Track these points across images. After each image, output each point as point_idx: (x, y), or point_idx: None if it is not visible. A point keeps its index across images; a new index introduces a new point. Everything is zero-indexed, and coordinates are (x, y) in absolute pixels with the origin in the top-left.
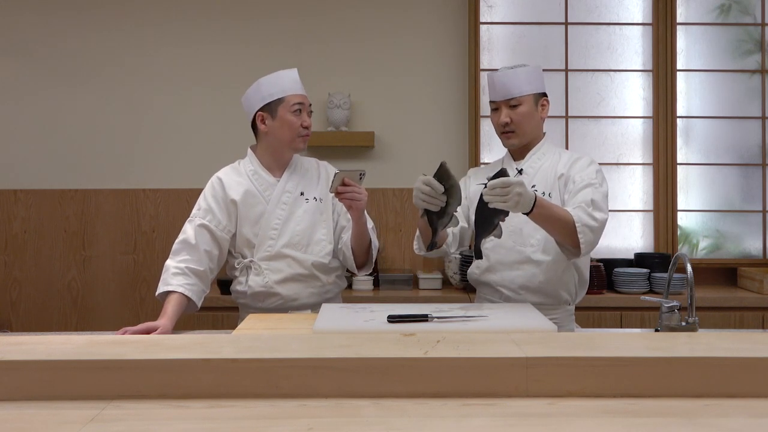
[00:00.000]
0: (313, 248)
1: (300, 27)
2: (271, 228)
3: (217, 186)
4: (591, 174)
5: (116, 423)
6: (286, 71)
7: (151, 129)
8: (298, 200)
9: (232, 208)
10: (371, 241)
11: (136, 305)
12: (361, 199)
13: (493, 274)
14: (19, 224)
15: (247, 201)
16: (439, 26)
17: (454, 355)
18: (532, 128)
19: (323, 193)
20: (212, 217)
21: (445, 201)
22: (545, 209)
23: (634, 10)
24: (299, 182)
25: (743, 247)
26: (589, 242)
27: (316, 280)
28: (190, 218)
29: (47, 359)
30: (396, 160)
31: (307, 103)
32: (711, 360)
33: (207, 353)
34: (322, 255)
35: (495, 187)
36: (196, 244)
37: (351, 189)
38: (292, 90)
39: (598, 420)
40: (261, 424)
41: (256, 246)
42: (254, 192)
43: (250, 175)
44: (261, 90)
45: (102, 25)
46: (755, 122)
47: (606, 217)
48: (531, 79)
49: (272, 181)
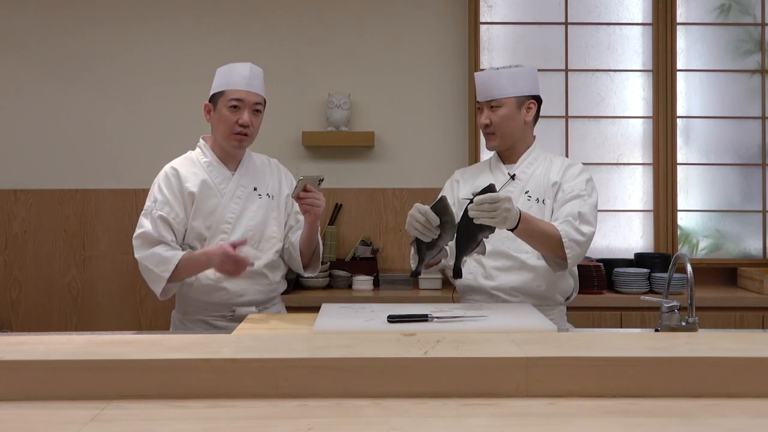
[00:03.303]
0: (264, 244)
1: (300, 26)
2: (224, 222)
3: (173, 178)
4: (581, 184)
5: (116, 423)
6: (238, 64)
7: (152, 129)
8: (251, 195)
9: (189, 200)
10: (318, 244)
11: (136, 305)
12: (320, 205)
13: (488, 280)
14: (19, 224)
15: (203, 192)
16: (439, 26)
17: (454, 355)
18: (513, 131)
19: (275, 190)
20: (170, 209)
21: (437, 234)
22: (530, 224)
23: (634, 10)
24: (253, 178)
25: (743, 247)
26: (576, 256)
27: (264, 278)
28: (144, 211)
29: (47, 359)
30: (396, 160)
31: (251, 101)
32: (711, 360)
33: (207, 353)
34: (272, 252)
35: (483, 203)
36: (159, 235)
37: (311, 195)
38: (234, 85)
39: (598, 420)
40: (261, 424)
41: (208, 239)
42: (210, 184)
43: (206, 167)
44: (214, 80)
45: (102, 24)
46: (755, 122)
47: (593, 230)
48: (516, 81)
49: (227, 175)
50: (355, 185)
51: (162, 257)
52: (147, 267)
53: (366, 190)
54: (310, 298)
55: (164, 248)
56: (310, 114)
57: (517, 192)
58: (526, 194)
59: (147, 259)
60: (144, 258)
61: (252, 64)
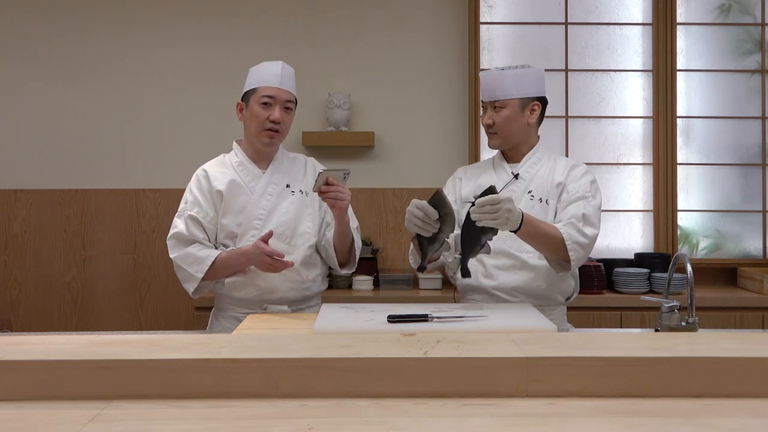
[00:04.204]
0: (297, 240)
1: (300, 27)
2: (255, 218)
3: (203, 178)
4: (585, 185)
5: (116, 423)
6: (269, 63)
7: (152, 129)
8: (283, 192)
9: (218, 199)
10: (353, 240)
11: (136, 305)
12: (345, 199)
13: (489, 280)
14: (19, 224)
15: (231, 191)
16: (439, 26)
17: (454, 355)
18: (515, 132)
19: (309, 187)
20: (200, 209)
21: (437, 228)
22: (532, 226)
23: (634, 10)
24: (285, 174)
25: (743, 247)
26: (579, 259)
27: (296, 274)
28: (178, 213)
29: (47, 359)
30: (396, 160)
31: (283, 98)
32: (711, 360)
33: (207, 353)
34: (305, 248)
35: (484, 205)
36: (191, 234)
37: (335, 188)
38: (267, 82)
39: (598, 420)
40: (261, 424)
41: (239, 236)
42: (239, 182)
43: (236, 167)
44: (247, 79)
45: (102, 25)
46: (755, 122)
47: (597, 232)
48: (520, 83)
49: (258, 173)
50: (355, 185)
51: (196, 257)
52: (181, 266)
53: (366, 190)
54: None
55: (198, 247)
56: (310, 114)
57: (520, 191)
58: (529, 194)
59: (181, 259)
60: (178, 258)
61: (284, 63)
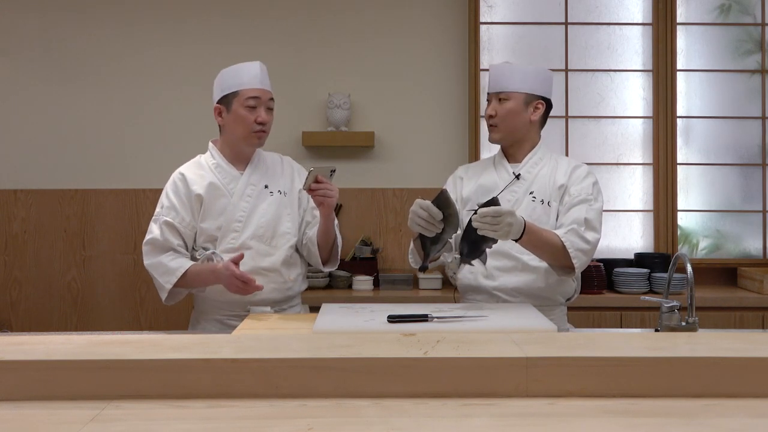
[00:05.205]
0: (278, 240)
1: (300, 27)
2: (235, 221)
3: (180, 182)
4: (588, 188)
5: (116, 423)
6: (247, 64)
7: (152, 129)
8: (262, 193)
9: (196, 203)
10: (336, 238)
11: (136, 305)
12: (333, 196)
13: (489, 281)
14: (19, 224)
15: (211, 194)
16: (439, 26)
17: (454, 355)
18: (516, 127)
19: (287, 187)
20: (176, 214)
21: (441, 228)
22: (534, 235)
23: (634, 10)
24: (263, 175)
25: (743, 247)
26: (583, 264)
27: (278, 275)
28: (154, 217)
29: (47, 359)
30: (396, 160)
31: (266, 98)
32: (711, 360)
33: (207, 353)
34: (286, 248)
35: (486, 216)
36: (165, 240)
37: (323, 186)
38: (248, 84)
39: (598, 420)
40: (261, 424)
41: (219, 239)
42: (218, 185)
43: (213, 168)
44: (221, 82)
45: (102, 24)
46: (755, 122)
47: (599, 236)
48: (527, 79)
49: (236, 174)
50: (355, 185)
51: (167, 268)
52: (153, 275)
53: (366, 190)
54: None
55: (171, 257)
56: (310, 114)
57: (521, 192)
58: (531, 195)
59: (153, 267)
60: (150, 266)
61: (260, 62)
